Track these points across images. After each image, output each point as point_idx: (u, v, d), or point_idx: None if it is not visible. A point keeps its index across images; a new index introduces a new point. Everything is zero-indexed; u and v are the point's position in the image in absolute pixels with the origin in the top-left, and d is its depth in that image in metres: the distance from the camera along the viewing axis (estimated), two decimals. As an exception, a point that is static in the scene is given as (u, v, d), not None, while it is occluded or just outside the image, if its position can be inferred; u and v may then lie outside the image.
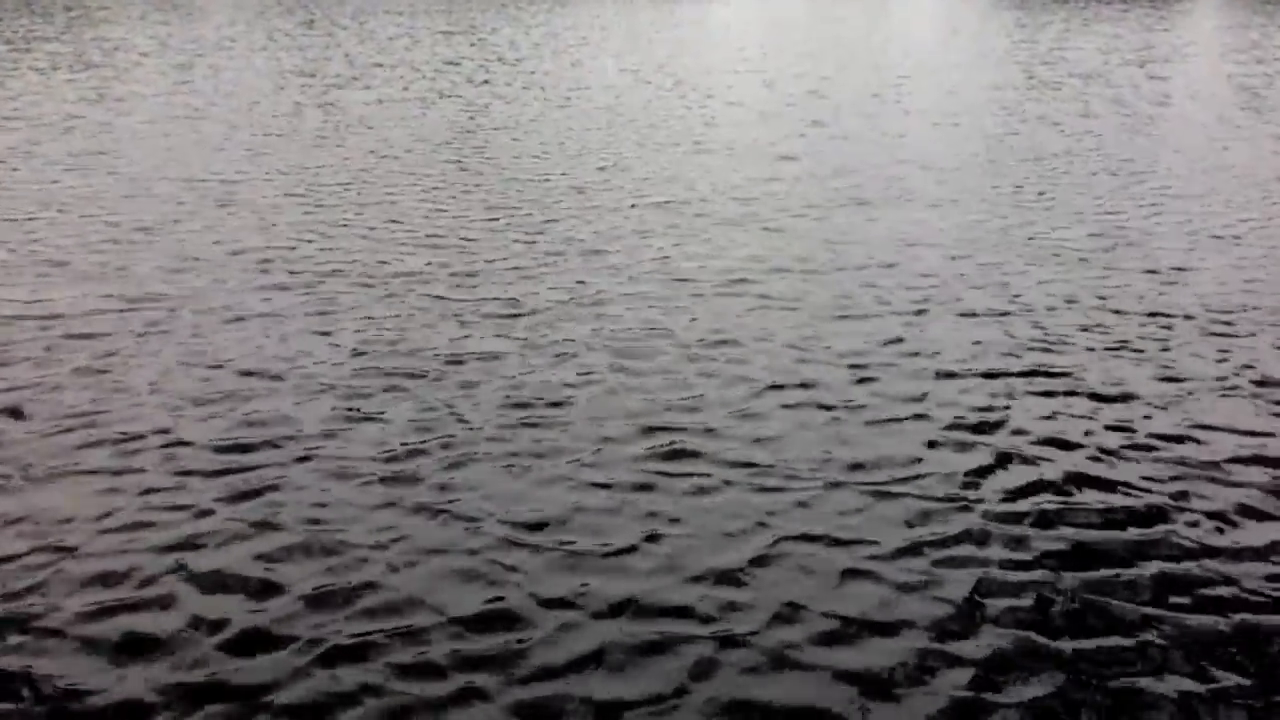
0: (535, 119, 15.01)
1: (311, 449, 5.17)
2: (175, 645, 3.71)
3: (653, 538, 4.41)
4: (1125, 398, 5.85)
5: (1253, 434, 5.42)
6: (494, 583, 4.09)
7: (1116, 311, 7.24)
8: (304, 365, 6.21)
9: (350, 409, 5.62)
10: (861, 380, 6.04)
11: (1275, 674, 3.62)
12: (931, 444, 5.26)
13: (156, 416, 5.51)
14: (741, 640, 3.76)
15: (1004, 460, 5.10)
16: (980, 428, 5.45)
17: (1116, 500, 4.74)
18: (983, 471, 4.99)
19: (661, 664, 3.64)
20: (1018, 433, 5.39)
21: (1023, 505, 4.69)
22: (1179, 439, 5.35)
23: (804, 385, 5.96)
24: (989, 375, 6.14)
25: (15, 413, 5.55)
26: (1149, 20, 34.61)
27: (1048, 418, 5.58)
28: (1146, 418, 5.60)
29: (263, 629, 3.81)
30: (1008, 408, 5.70)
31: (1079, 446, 5.26)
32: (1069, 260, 8.42)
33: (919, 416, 5.57)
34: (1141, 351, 6.53)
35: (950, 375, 6.13)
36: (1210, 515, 4.63)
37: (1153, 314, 7.20)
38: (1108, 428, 5.47)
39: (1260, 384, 6.05)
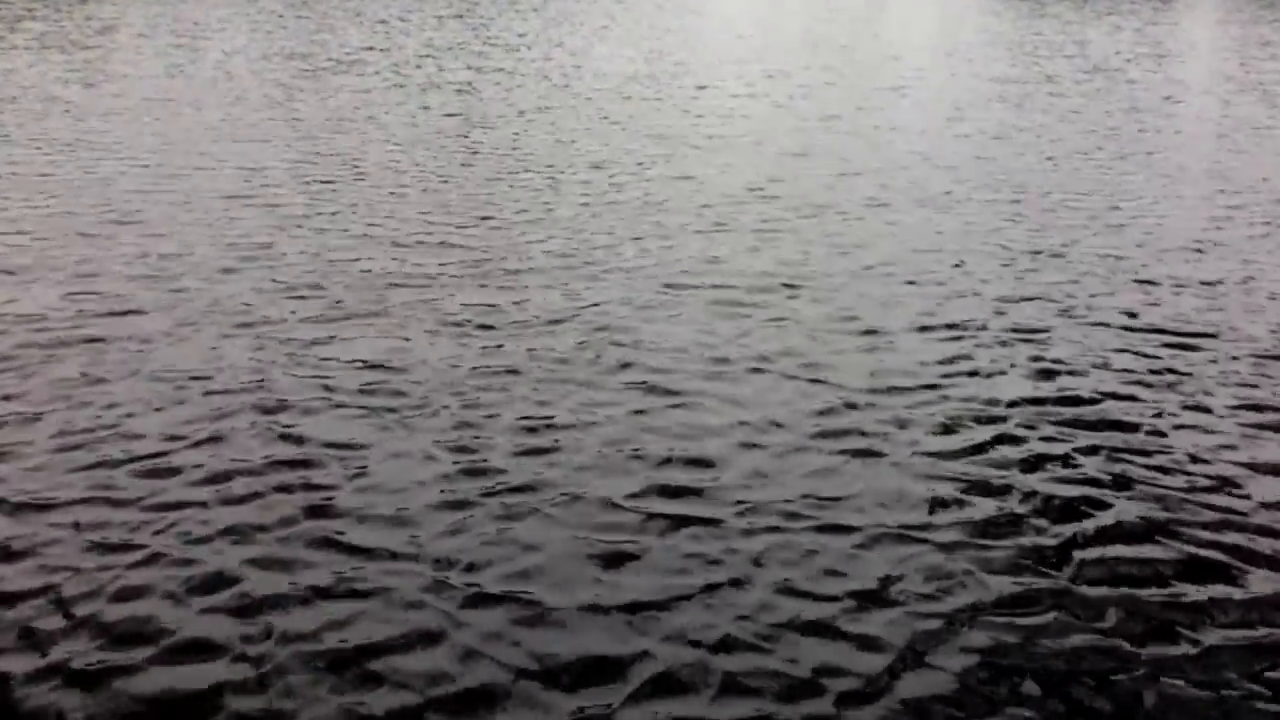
0: (537, 110, 14.57)
1: (300, 483, 4.77)
2: (158, 671, 3.33)
3: (672, 599, 4.02)
4: (1171, 431, 5.47)
5: (1312, 472, 5.05)
6: (490, 643, 3.70)
7: (1155, 331, 6.86)
8: (292, 387, 5.80)
9: (343, 437, 5.22)
10: (887, 411, 5.65)
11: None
12: (979, 476, 4.88)
13: (138, 441, 5.10)
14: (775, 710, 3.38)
15: (1047, 501, 4.73)
16: (1024, 466, 5.07)
17: (1186, 547, 4.36)
18: (1029, 514, 4.61)
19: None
20: (1061, 468, 5.01)
21: (1066, 549, 4.31)
22: (1223, 469, 4.98)
23: (833, 416, 5.58)
24: (1024, 403, 5.75)
25: (-21, 432, 5.15)
26: (1155, 15, 34.20)
27: (1089, 454, 5.19)
28: (1192, 450, 5.22)
29: (237, 670, 3.41)
30: (1049, 442, 5.32)
31: (1129, 485, 4.88)
32: (1097, 271, 8.03)
33: (958, 452, 5.19)
34: (1173, 373, 6.15)
35: (982, 409, 5.74)
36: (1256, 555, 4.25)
37: (1193, 333, 6.81)
38: (1156, 465, 5.09)
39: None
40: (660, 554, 4.24)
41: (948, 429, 5.39)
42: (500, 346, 6.33)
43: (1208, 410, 5.70)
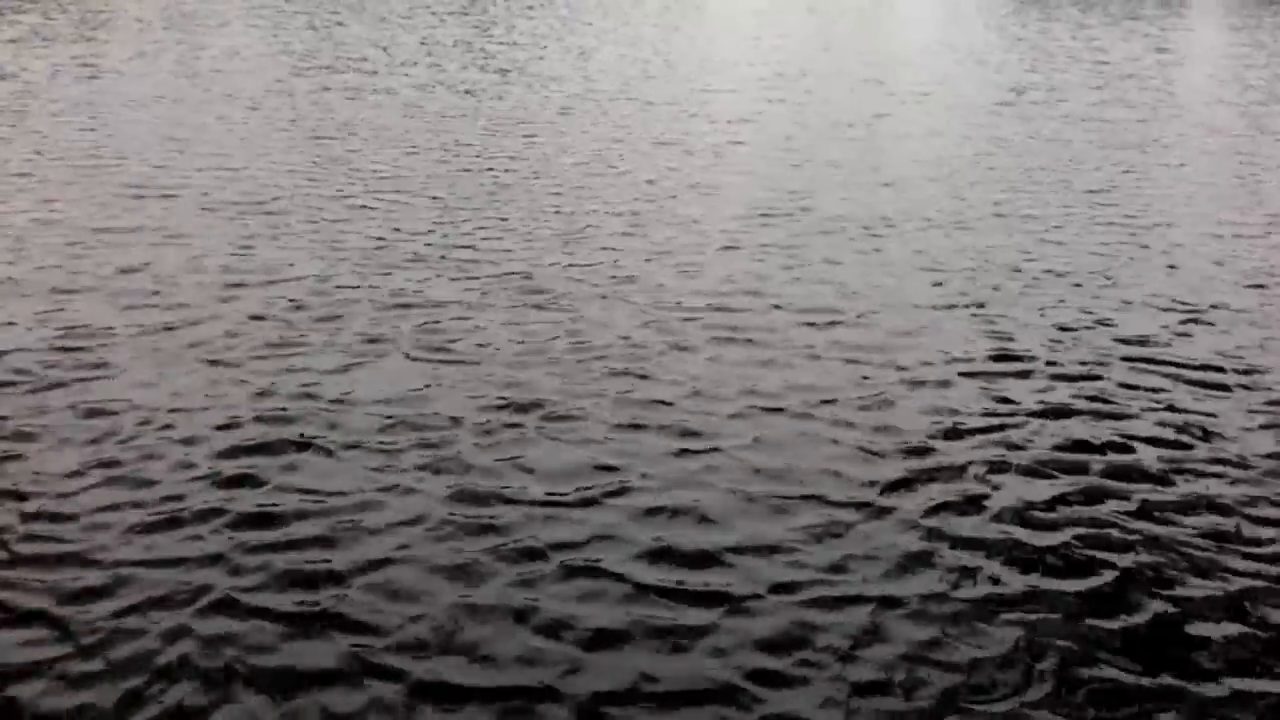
0: (543, 112, 14.12)
1: (294, 540, 4.33)
2: None
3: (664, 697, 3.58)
4: (1230, 470, 5.04)
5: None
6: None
7: (1201, 366, 6.42)
8: (289, 424, 5.35)
9: (343, 484, 4.78)
10: (934, 460, 5.22)
11: None
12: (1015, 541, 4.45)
13: (120, 485, 4.66)
14: None
15: (1077, 565, 4.29)
16: (1055, 526, 4.64)
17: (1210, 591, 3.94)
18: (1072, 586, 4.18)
19: None
20: (1088, 533, 4.58)
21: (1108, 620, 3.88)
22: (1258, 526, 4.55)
23: (881, 467, 5.14)
24: (1062, 470, 5.32)
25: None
26: (1167, 19, 33.79)
27: (1120, 518, 4.76)
28: (1227, 511, 4.79)
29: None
30: (1079, 502, 4.89)
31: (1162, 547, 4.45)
32: (1134, 298, 7.59)
33: (982, 505, 4.76)
34: (1214, 415, 5.72)
35: (1038, 458, 5.31)
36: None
37: (1239, 370, 6.38)
38: (1192, 527, 4.66)
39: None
40: (700, 634, 3.80)
41: (1008, 486, 4.96)
42: (514, 382, 5.88)
43: (1264, 452, 5.27)
